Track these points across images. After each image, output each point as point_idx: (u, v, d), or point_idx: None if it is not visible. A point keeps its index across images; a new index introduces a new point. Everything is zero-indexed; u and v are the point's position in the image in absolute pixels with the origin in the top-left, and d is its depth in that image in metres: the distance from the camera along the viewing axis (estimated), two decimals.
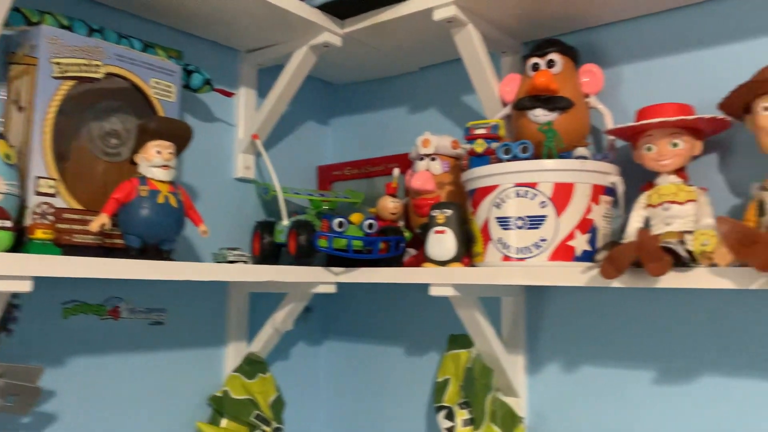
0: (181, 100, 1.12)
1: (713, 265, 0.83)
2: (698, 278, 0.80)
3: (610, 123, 1.07)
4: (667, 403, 1.06)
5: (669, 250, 0.81)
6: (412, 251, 1.24)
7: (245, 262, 1.10)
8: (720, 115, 0.94)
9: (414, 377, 1.37)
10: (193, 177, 1.27)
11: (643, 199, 0.98)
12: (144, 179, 0.98)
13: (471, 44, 1.13)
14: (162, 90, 1.07)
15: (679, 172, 0.99)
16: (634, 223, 0.98)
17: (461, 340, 1.19)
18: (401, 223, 1.26)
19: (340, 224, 1.13)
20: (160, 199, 0.98)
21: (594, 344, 1.14)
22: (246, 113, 1.34)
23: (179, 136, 1.02)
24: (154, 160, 0.98)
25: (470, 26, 1.11)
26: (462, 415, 1.14)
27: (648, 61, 1.12)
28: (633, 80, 1.14)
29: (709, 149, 1.04)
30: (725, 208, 1.03)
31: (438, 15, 1.10)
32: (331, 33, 1.21)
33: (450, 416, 1.16)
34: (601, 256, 0.85)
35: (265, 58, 1.32)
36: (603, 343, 1.13)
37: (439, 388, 1.20)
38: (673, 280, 0.81)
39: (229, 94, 1.25)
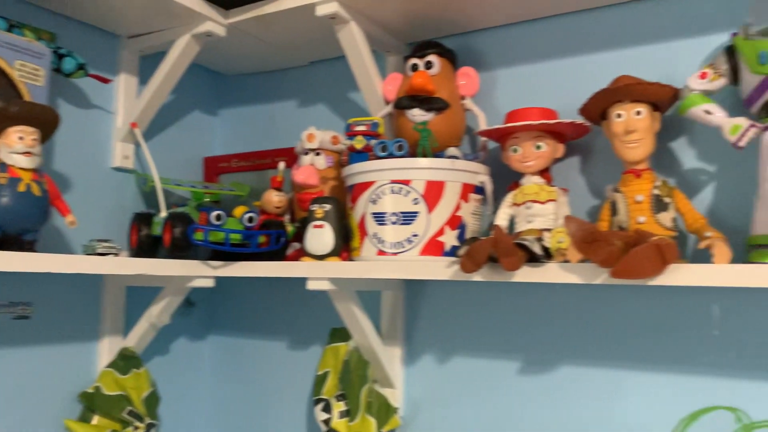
0: (51, 84, 1.07)
1: (566, 261, 0.89)
2: (549, 273, 0.85)
3: (483, 125, 1.12)
4: (533, 392, 1.12)
5: (522, 247, 0.86)
6: (297, 245, 1.24)
7: (115, 254, 1.07)
8: (579, 120, 1.00)
9: (298, 371, 1.38)
10: (68, 166, 1.21)
11: (509, 197, 1.03)
12: (4, 166, 0.93)
13: (354, 42, 1.14)
14: (28, 73, 1.02)
15: (544, 173, 1.05)
16: (500, 220, 1.03)
17: (341, 334, 1.21)
18: (287, 217, 1.26)
19: (218, 217, 1.11)
20: (21, 188, 0.93)
21: (467, 336, 1.19)
22: (126, 101, 1.29)
23: (44, 122, 0.98)
24: (16, 147, 0.94)
25: (353, 24, 1.13)
26: (338, 407, 1.15)
27: (522, 66, 1.18)
28: (507, 84, 1.19)
29: (573, 152, 1.11)
30: (586, 208, 1.09)
31: (320, 11, 1.11)
32: (215, 22, 1.20)
33: (327, 408, 1.17)
34: (462, 251, 0.89)
35: (146, 45, 1.28)
36: (476, 336, 1.18)
37: (319, 381, 1.22)
38: (526, 274, 0.86)
39: (105, 81, 1.21)
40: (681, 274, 0.76)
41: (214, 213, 1.11)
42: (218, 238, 1.12)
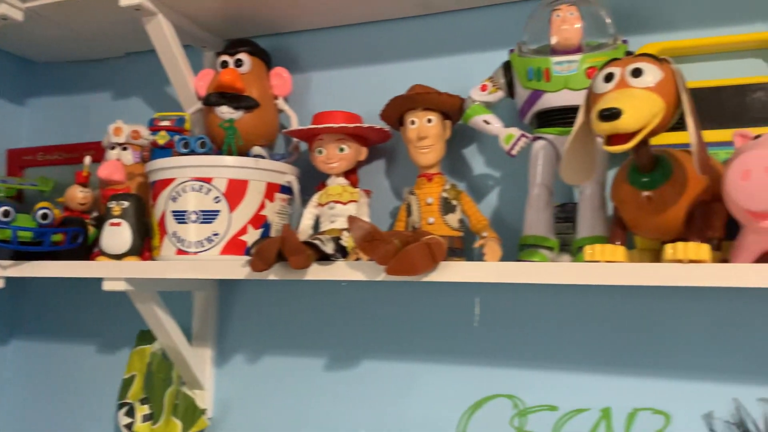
0: None
1: (358, 259, 0.92)
2: (337, 271, 0.88)
3: (295, 125, 1.13)
4: (337, 387, 1.14)
5: (312, 245, 0.88)
6: None
7: None
8: (381, 125, 1.04)
9: (108, 375, 1.32)
10: None
11: (315, 198, 1.06)
12: None
13: (162, 35, 1.11)
14: None
15: (350, 174, 1.08)
16: (306, 220, 1.05)
17: (147, 336, 1.17)
18: (95, 214, 1.20)
19: (6, 213, 1.04)
20: None
21: (278, 335, 1.19)
22: None
23: None
24: None
25: (161, 16, 1.10)
26: (142, 410, 1.12)
27: (334, 70, 1.21)
28: (321, 87, 1.21)
29: (380, 156, 1.15)
30: (390, 209, 1.14)
31: (124, 1, 1.07)
32: (10, 5, 1.12)
33: (130, 413, 1.13)
34: (253, 250, 0.89)
35: None
36: (285, 334, 1.19)
37: (125, 385, 1.17)
38: (316, 272, 0.88)
39: None
40: (449, 271, 0.82)
41: (1, 209, 1.03)
42: (5, 236, 1.04)
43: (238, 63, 1.11)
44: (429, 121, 0.99)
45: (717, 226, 0.80)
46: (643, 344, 0.97)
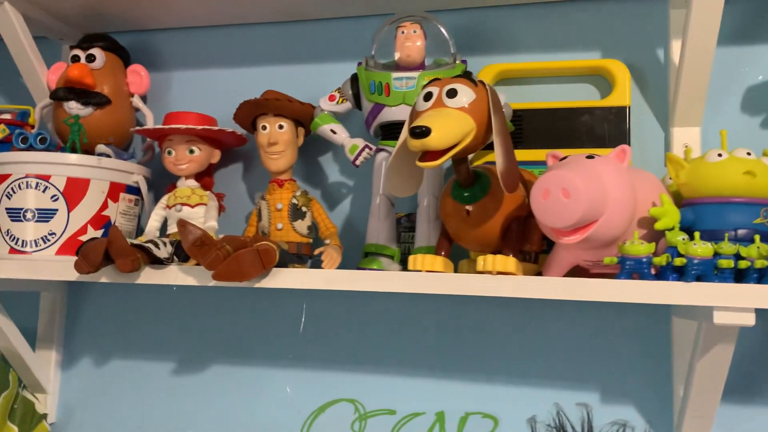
0: None
1: (197, 264, 0.91)
2: (168, 275, 0.87)
3: (151, 124, 1.11)
4: (186, 390, 1.13)
5: (142, 248, 0.87)
6: None
7: None
8: (233, 128, 1.04)
9: None
10: None
11: (163, 199, 1.04)
12: None
13: (10, 24, 1.07)
14: None
15: (203, 177, 1.07)
16: (152, 222, 1.03)
17: None
18: None
19: None
20: None
21: (127, 338, 1.17)
22: None
23: None
24: None
25: (7, 5, 1.05)
26: None
27: (194, 71, 1.19)
28: (180, 87, 1.20)
29: (237, 159, 1.15)
30: (246, 214, 1.14)
31: None
32: None
33: None
34: (79, 251, 0.87)
35: None
36: (135, 338, 1.16)
37: None
38: (148, 276, 0.87)
39: None
40: (279, 278, 0.83)
41: None
42: None
43: (90, 58, 1.07)
44: (281, 127, 0.99)
45: (534, 240, 0.85)
46: (474, 350, 1.01)
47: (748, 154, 0.76)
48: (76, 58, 1.08)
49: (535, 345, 1.00)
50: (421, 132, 0.69)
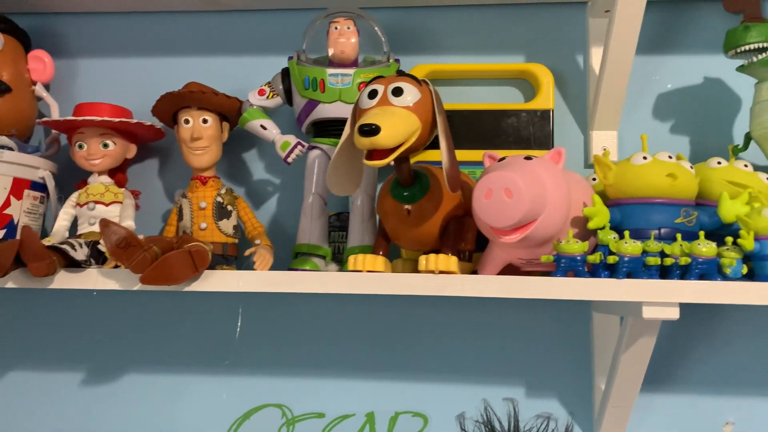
0: None
1: (117, 266, 0.85)
2: (88, 279, 0.80)
3: (56, 115, 1.03)
4: (100, 399, 1.06)
5: (58, 250, 0.80)
6: None
7: None
8: (153, 121, 0.98)
9: None
10: None
11: (73, 197, 0.96)
12: None
13: None
14: None
15: (116, 173, 1.00)
16: (61, 221, 0.95)
17: None
18: None
19: None
20: None
21: (40, 347, 1.07)
22: None
23: None
24: None
25: None
26: None
27: (107, 59, 1.11)
28: (91, 75, 1.11)
29: (154, 154, 1.09)
30: (162, 213, 1.08)
31: None
32: None
33: None
34: None
35: None
36: (49, 346, 1.07)
37: None
38: (65, 280, 0.80)
39: None
40: (212, 281, 0.79)
41: None
42: None
43: None
44: (205, 121, 0.95)
45: (469, 239, 0.86)
46: (403, 350, 1.02)
47: (670, 157, 0.81)
48: None
49: (462, 342, 1.01)
50: (371, 130, 0.68)
